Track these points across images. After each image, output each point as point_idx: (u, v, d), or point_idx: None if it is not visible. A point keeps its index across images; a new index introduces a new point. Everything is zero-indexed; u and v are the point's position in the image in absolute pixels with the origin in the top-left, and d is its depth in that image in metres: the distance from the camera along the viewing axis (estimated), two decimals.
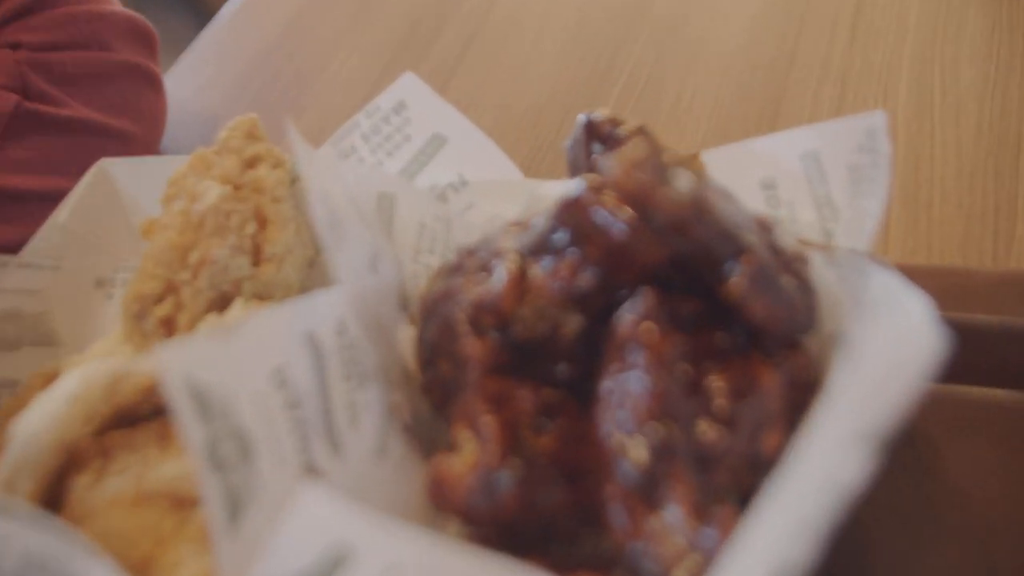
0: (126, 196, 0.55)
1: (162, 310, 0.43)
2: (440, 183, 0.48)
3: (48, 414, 0.37)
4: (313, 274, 0.48)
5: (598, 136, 0.43)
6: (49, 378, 0.45)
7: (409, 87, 0.49)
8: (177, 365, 0.33)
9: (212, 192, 0.44)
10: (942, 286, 0.40)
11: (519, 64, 0.82)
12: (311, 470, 0.36)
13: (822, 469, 0.28)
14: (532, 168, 0.70)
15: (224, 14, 1.01)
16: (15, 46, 0.67)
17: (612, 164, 0.35)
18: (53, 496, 0.39)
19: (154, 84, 0.77)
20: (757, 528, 0.29)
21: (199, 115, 0.86)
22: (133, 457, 0.38)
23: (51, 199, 0.59)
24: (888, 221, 0.61)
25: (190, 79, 0.90)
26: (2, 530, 0.33)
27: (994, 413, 0.42)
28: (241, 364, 0.35)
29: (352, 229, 0.40)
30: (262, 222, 0.46)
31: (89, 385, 0.37)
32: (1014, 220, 0.60)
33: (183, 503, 0.38)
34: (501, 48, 0.84)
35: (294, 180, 0.49)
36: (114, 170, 0.55)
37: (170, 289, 0.43)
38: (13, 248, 0.56)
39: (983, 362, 0.43)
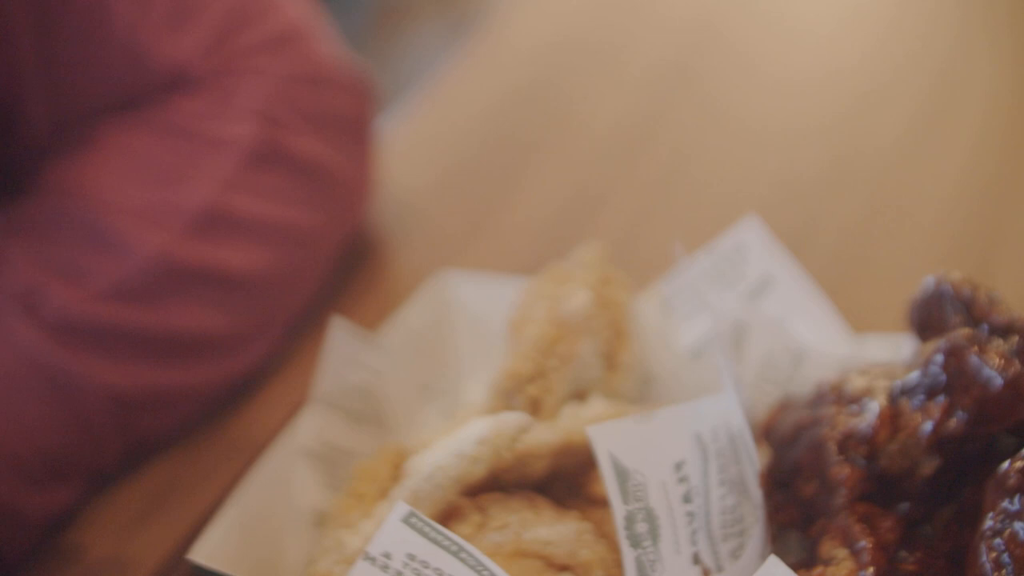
0: (456, 305, 0.60)
1: (533, 390, 0.48)
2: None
3: (454, 452, 0.42)
4: (647, 391, 0.53)
5: (959, 298, 0.46)
6: (400, 453, 0.50)
7: (749, 230, 0.53)
8: (605, 443, 0.38)
9: (581, 295, 0.50)
10: None
11: None
12: (697, 561, 0.40)
13: None
14: None
15: None
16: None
17: None
18: None
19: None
20: None
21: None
22: (510, 517, 0.43)
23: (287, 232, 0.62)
24: None
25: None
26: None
27: None
28: (652, 453, 0.39)
29: (726, 351, 0.45)
30: (617, 333, 0.51)
31: (498, 431, 0.42)
32: None
33: (554, 565, 0.42)
34: None
35: None
36: (451, 280, 0.60)
37: (539, 373, 0.48)
38: (252, 272, 0.60)
39: None
